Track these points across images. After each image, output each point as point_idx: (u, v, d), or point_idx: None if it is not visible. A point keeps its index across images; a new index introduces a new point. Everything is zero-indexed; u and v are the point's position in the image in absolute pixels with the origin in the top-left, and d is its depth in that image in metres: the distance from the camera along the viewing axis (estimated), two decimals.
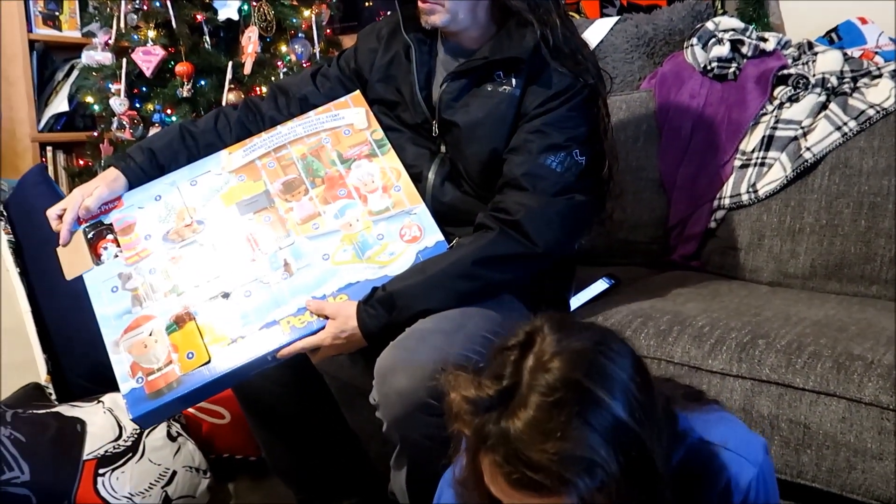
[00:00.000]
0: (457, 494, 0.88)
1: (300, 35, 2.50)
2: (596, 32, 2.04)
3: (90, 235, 1.35)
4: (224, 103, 2.34)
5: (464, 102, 1.34)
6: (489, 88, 1.32)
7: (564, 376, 0.75)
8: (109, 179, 1.38)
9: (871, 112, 1.59)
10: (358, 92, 1.45)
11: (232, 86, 2.37)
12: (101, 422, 1.60)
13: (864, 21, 1.86)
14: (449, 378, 0.80)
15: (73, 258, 1.35)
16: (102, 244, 1.35)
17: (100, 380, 1.71)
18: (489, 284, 1.23)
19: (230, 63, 2.37)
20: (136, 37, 2.41)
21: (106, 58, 2.49)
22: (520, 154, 1.28)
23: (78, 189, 1.37)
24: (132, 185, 1.39)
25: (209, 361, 1.23)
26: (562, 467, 0.72)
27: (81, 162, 2.74)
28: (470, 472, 0.80)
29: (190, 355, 1.23)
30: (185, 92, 2.35)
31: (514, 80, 1.31)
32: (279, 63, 2.42)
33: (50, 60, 3.07)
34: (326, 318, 1.24)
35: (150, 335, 1.26)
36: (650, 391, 0.79)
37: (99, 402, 1.67)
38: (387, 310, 1.21)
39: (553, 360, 0.76)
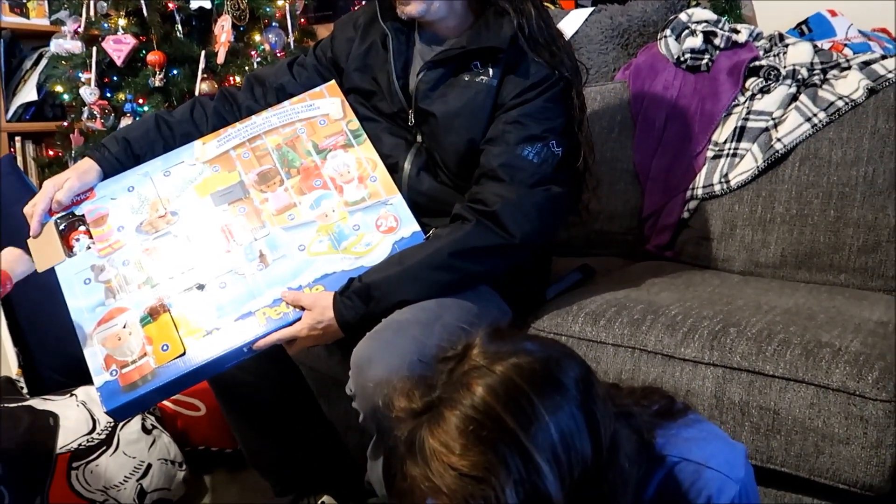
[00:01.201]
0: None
1: (274, 24, 2.48)
2: (571, 23, 2.05)
3: (62, 227, 1.33)
4: (197, 93, 2.32)
5: (441, 92, 1.34)
6: (466, 78, 1.32)
7: (481, 401, 0.75)
8: (82, 170, 1.37)
9: (840, 104, 1.62)
10: (333, 82, 1.44)
11: (205, 75, 2.35)
12: (74, 415, 1.59)
13: (833, 14, 1.89)
14: (393, 385, 0.82)
15: (44, 250, 1.33)
16: (74, 236, 1.33)
17: (73, 373, 1.69)
18: (466, 276, 1.24)
19: (203, 52, 2.36)
20: (106, 25, 2.38)
21: (76, 46, 2.46)
22: (497, 145, 1.28)
23: (49, 181, 1.35)
24: (107, 175, 1.37)
25: (184, 353, 1.22)
26: (459, 485, 0.73)
27: (51, 152, 2.72)
28: (402, 480, 0.81)
29: (164, 347, 1.22)
30: (157, 81, 2.33)
31: (491, 71, 1.31)
32: (253, 52, 2.41)
33: (17, 49, 3.02)
34: (302, 309, 1.24)
35: (124, 327, 1.25)
36: (591, 430, 0.76)
37: (72, 395, 1.65)
38: (363, 301, 1.21)
39: (475, 382, 0.76)
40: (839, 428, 1.12)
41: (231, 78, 2.37)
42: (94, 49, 2.38)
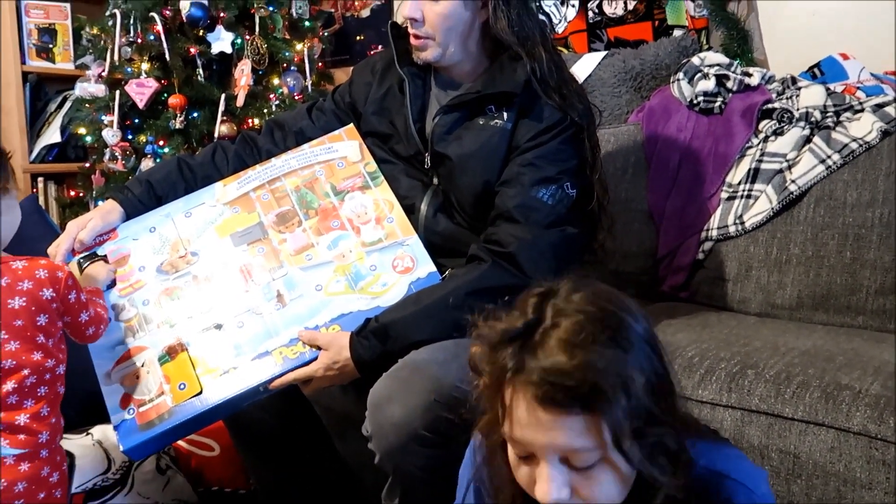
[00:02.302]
0: (478, 468, 0.90)
1: (292, 68, 2.53)
2: (584, 67, 2.08)
3: (84, 266, 1.36)
4: (216, 135, 2.36)
5: (456, 135, 1.36)
6: (481, 122, 1.35)
7: (590, 300, 0.79)
8: (105, 211, 1.40)
9: (854, 146, 1.63)
10: (352, 125, 1.47)
11: (224, 118, 2.39)
12: (89, 454, 1.59)
13: (845, 57, 1.92)
14: (475, 329, 0.84)
15: None
16: None
17: (89, 411, 1.69)
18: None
19: (223, 95, 2.40)
20: (129, 69, 2.43)
21: (99, 89, 2.51)
22: (512, 187, 1.30)
23: (73, 221, 1.38)
24: (129, 216, 1.41)
25: (201, 392, 1.23)
26: (598, 376, 0.74)
27: (73, 193, 2.75)
28: (493, 422, 0.81)
29: (182, 386, 1.23)
30: (177, 124, 2.37)
31: (505, 114, 1.34)
32: (271, 96, 2.45)
33: (43, 92, 3.09)
34: (319, 348, 1.25)
35: (143, 366, 1.26)
36: (659, 357, 0.81)
37: (88, 434, 1.66)
38: (380, 340, 1.22)
39: (575, 295, 0.80)
40: (861, 472, 1.11)
41: (250, 120, 2.41)
42: (117, 92, 2.42)
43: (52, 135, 3.00)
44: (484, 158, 1.34)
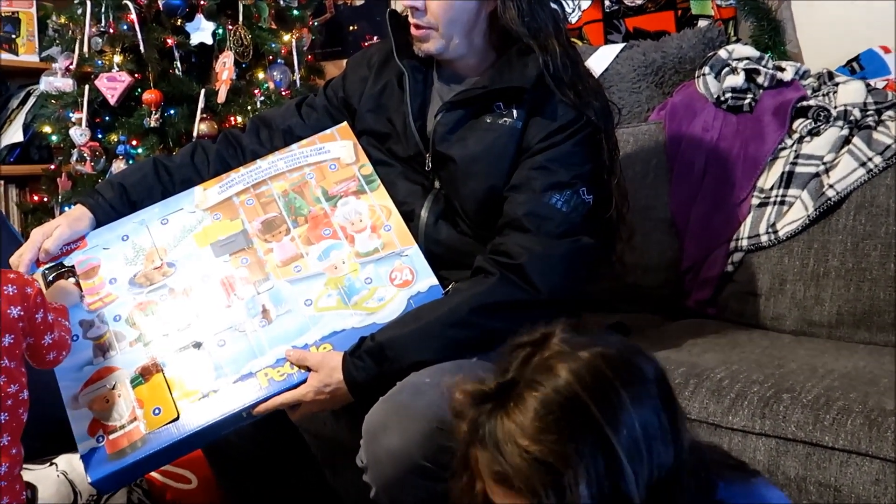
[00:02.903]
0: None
1: (279, 61, 2.53)
2: (600, 60, 2.09)
3: (50, 278, 1.36)
4: (195, 134, 2.37)
5: (460, 135, 1.37)
6: (488, 120, 1.35)
7: (566, 385, 0.78)
8: (73, 218, 1.40)
9: None
10: (345, 123, 1.48)
11: (204, 115, 2.40)
12: (53, 487, 1.58)
13: (887, 50, 1.92)
14: (456, 380, 0.86)
15: None
16: None
17: (53, 438, 1.69)
18: (488, 334, 1.24)
19: (203, 91, 2.41)
20: (100, 62, 2.44)
21: (67, 84, 2.52)
22: (522, 192, 1.30)
23: (38, 229, 1.39)
24: (100, 223, 1.41)
25: (177, 418, 1.23)
26: (532, 471, 0.75)
27: (36, 198, 2.75)
28: (462, 472, 0.85)
29: (156, 411, 1.23)
30: (152, 122, 2.38)
31: (515, 112, 1.34)
32: (256, 91, 2.46)
33: (4, 87, 3.11)
34: (308, 370, 1.25)
35: (113, 389, 1.26)
36: (671, 430, 0.80)
37: (52, 464, 1.65)
38: (376, 361, 1.22)
39: (559, 366, 0.79)
40: None
41: (232, 118, 2.42)
42: (87, 87, 2.43)
43: (13, 134, 3.01)
44: (491, 160, 1.34)
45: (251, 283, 1.34)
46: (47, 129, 2.60)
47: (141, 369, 1.27)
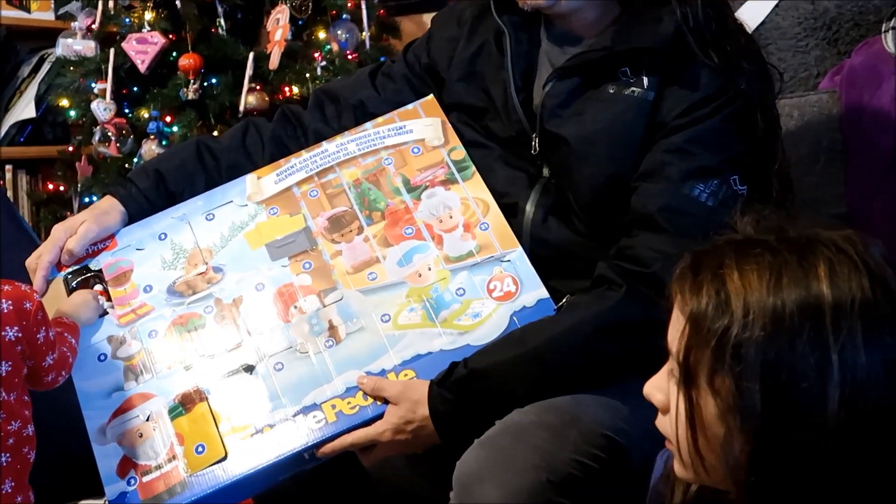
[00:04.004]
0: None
1: (344, 17, 2.57)
2: (754, 11, 2.06)
3: (73, 285, 1.42)
4: (242, 108, 2.41)
5: (575, 109, 1.37)
6: (611, 91, 1.35)
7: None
8: (100, 212, 1.46)
9: None
10: (431, 97, 1.50)
11: (253, 85, 2.45)
12: None
13: None
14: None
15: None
16: None
17: (70, 478, 1.75)
18: (613, 362, 1.24)
19: (251, 55, 2.45)
20: (128, 20, 2.51)
21: (88, 48, 2.61)
22: (655, 181, 1.30)
23: (60, 225, 1.45)
24: (132, 217, 1.46)
25: (225, 458, 1.27)
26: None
27: (51, 186, 2.85)
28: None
29: (200, 449, 1.28)
30: (190, 93, 2.44)
31: (645, 80, 1.33)
32: (316, 54, 2.49)
33: (13, 51, 3.21)
34: (386, 402, 1.27)
35: (148, 420, 1.31)
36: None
37: None
38: (470, 394, 1.23)
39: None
40: None
41: (287, 89, 2.46)
42: (112, 51, 2.51)
43: (24, 108, 3.10)
44: (614, 141, 1.34)
45: (315, 293, 1.37)
46: (64, 102, 2.69)
47: (181, 397, 1.31)
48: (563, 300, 1.33)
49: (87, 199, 2.61)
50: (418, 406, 1.25)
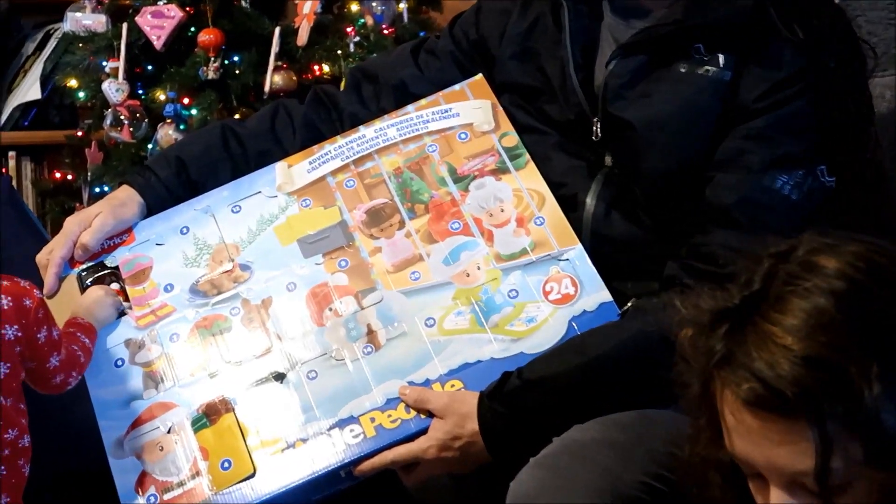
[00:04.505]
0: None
1: None
2: None
3: (87, 283, 1.44)
4: (268, 89, 2.43)
5: (642, 90, 1.37)
6: (682, 69, 1.34)
7: (838, 273, 0.85)
8: (117, 203, 1.48)
9: None
10: (480, 76, 1.50)
11: (280, 63, 2.46)
12: None
13: None
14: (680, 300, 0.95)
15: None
16: None
17: (81, 495, 1.77)
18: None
19: (277, 30, 2.47)
20: None
21: (98, 22, 2.63)
22: (732, 171, 1.29)
23: (73, 217, 1.47)
24: (152, 209, 1.48)
25: (253, 475, 1.28)
26: (805, 373, 0.80)
27: (57, 174, 2.88)
28: (700, 429, 0.93)
29: (226, 465, 1.29)
30: (210, 72, 2.46)
31: (721, 58, 1.33)
32: (349, 29, 2.51)
33: (16, 26, 3.24)
34: (431, 415, 1.28)
35: (169, 432, 1.32)
36: None
37: None
38: (524, 407, 1.23)
39: (824, 259, 0.86)
40: None
41: (316, 67, 2.47)
42: (125, 26, 2.53)
43: (28, 89, 3.12)
44: (685, 125, 1.33)
45: (352, 294, 1.37)
46: (72, 82, 2.72)
47: (205, 408, 1.33)
48: (628, 304, 1.32)
49: (97, 189, 2.64)
50: (466, 420, 1.25)
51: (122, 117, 2.54)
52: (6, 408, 1.18)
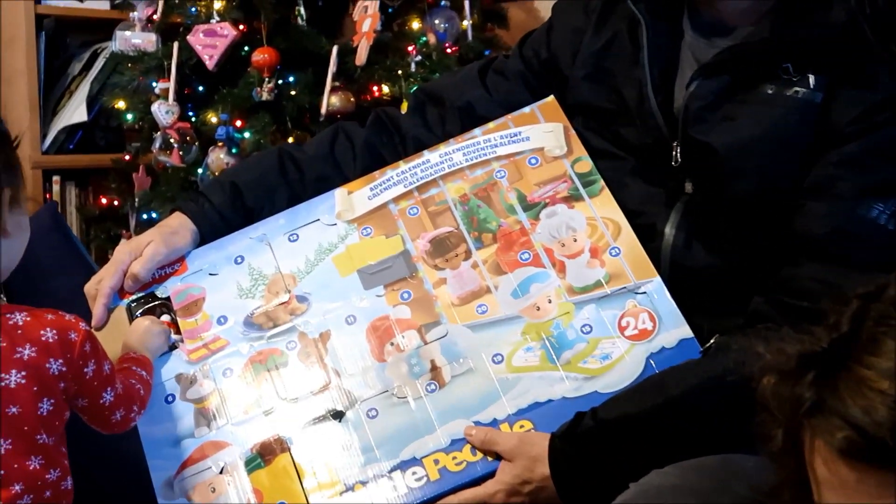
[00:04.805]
0: None
1: (443, 3, 2.60)
2: None
3: (137, 314, 1.46)
4: (324, 111, 2.45)
5: (726, 113, 1.36)
6: (770, 91, 1.34)
7: None
8: (169, 231, 1.50)
9: None
10: (552, 98, 1.51)
11: (337, 83, 2.48)
12: None
13: None
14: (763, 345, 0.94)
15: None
16: None
17: None
18: None
19: (334, 48, 2.49)
20: (194, 9, 2.58)
21: (148, 41, 2.68)
22: (824, 199, 1.28)
23: (123, 246, 1.49)
24: (205, 237, 1.50)
25: None
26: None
27: (104, 200, 2.93)
28: (786, 481, 0.91)
29: None
30: (264, 93, 2.48)
31: (812, 79, 1.32)
32: (410, 48, 2.53)
33: (63, 45, 3.29)
34: (498, 457, 1.27)
35: (222, 473, 1.33)
36: None
37: None
38: (598, 451, 1.23)
39: None
40: None
41: (375, 88, 2.49)
42: (175, 45, 2.57)
43: (74, 111, 3.17)
44: (773, 150, 1.33)
45: (415, 328, 1.38)
46: (120, 104, 2.77)
47: (260, 447, 1.34)
48: (711, 341, 1.31)
49: (144, 216, 2.67)
50: (537, 463, 1.25)
51: (171, 140, 2.58)
52: (49, 447, 1.19)
